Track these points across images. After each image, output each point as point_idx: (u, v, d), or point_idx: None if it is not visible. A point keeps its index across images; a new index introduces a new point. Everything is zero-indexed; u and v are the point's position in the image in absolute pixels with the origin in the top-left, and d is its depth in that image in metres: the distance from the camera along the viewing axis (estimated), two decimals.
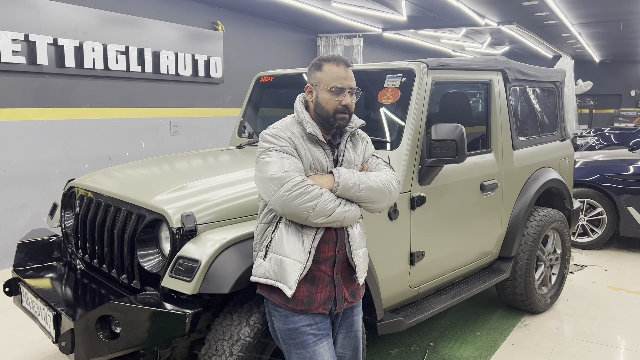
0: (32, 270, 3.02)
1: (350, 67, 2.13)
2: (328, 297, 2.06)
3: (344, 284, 2.12)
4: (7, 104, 5.09)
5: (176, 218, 2.34)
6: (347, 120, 2.11)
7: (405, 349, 3.61)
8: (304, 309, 2.03)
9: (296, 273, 1.98)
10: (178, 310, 2.17)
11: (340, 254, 2.07)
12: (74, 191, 3.15)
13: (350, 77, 2.11)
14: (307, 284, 2.03)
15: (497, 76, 3.77)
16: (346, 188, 2.02)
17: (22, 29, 5.05)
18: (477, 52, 14.42)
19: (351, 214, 2.04)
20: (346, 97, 2.08)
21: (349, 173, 2.05)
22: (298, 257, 1.99)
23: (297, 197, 1.92)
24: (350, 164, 2.15)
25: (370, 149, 2.27)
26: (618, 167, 6.04)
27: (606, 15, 9.53)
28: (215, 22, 7.54)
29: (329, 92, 2.07)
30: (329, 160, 2.12)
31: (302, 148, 2.06)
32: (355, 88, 2.13)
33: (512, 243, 3.86)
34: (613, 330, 3.99)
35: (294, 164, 2.00)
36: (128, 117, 6.29)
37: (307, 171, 2.06)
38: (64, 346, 2.26)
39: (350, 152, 2.17)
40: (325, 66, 2.10)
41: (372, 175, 2.11)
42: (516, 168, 3.90)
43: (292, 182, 1.93)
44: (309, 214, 1.95)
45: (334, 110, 2.08)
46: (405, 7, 8.07)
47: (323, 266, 2.05)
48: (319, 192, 1.96)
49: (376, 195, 2.08)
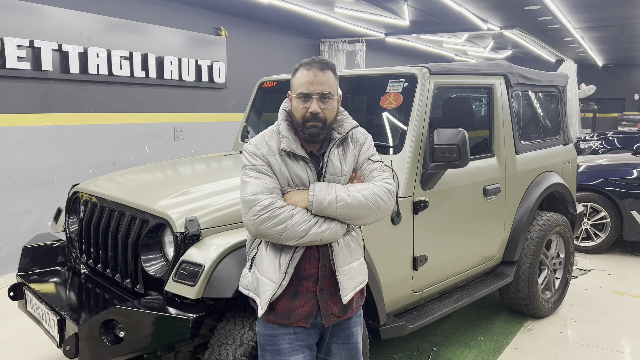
0: (36, 274, 3.04)
1: (326, 70, 1.93)
2: (309, 313, 1.96)
3: (331, 300, 1.98)
4: (12, 109, 5.13)
5: (180, 223, 2.36)
6: (319, 128, 1.92)
7: (408, 353, 3.61)
8: (283, 322, 1.95)
9: (268, 293, 1.90)
10: (182, 314, 2.19)
11: (324, 270, 1.95)
12: (78, 196, 3.17)
13: (320, 81, 1.91)
14: (288, 298, 1.94)
15: (500, 81, 3.78)
16: (321, 207, 1.86)
17: (27, 35, 5.09)
18: (480, 57, 14.43)
19: (329, 233, 1.87)
20: (313, 103, 1.90)
21: (325, 190, 1.88)
22: (272, 277, 1.90)
23: (264, 222, 1.83)
24: (335, 176, 1.97)
25: (365, 153, 2.05)
26: (622, 171, 6.03)
27: (609, 20, 9.53)
28: (218, 28, 7.58)
29: (297, 99, 1.94)
30: (312, 173, 1.95)
31: (276, 164, 1.93)
32: (328, 93, 1.92)
33: (515, 247, 3.86)
34: (617, 334, 3.98)
35: (265, 185, 1.88)
36: (132, 122, 6.33)
37: (286, 188, 1.93)
38: (68, 350, 2.27)
39: (336, 162, 1.98)
40: (298, 71, 1.96)
41: (353, 190, 1.90)
42: (519, 172, 3.90)
43: (258, 206, 1.83)
44: (279, 237, 1.84)
45: (302, 118, 1.93)
46: (407, 12, 8.09)
47: (306, 282, 1.94)
48: (288, 215, 1.84)
49: (358, 212, 1.89)
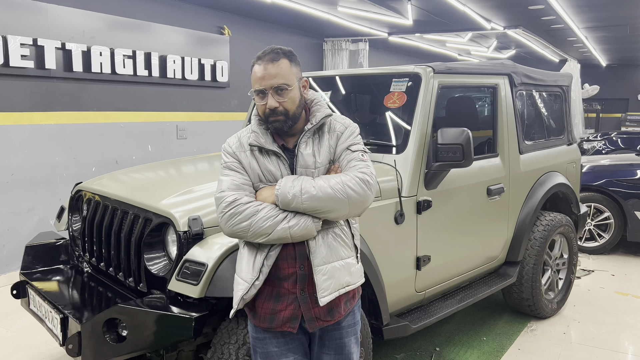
0: (39, 273, 3.04)
1: (277, 60, 1.82)
2: (293, 316, 1.88)
3: (312, 302, 1.87)
4: (16, 107, 5.13)
5: (183, 222, 2.35)
6: (282, 122, 1.85)
7: (411, 353, 3.60)
8: (267, 326, 1.90)
9: (240, 293, 1.86)
10: (184, 313, 2.19)
11: (302, 270, 1.86)
12: (81, 194, 3.17)
13: (271, 74, 1.81)
14: (270, 300, 1.88)
15: (504, 80, 3.77)
16: (286, 201, 1.78)
17: (30, 33, 5.09)
18: (483, 56, 14.40)
19: (299, 228, 1.78)
20: (269, 99, 1.82)
21: (291, 183, 1.79)
22: (245, 276, 1.86)
23: (230, 218, 1.79)
24: (307, 169, 1.87)
25: (344, 143, 1.92)
26: (625, 172, 6.01)
27: (613, 20, 9.50)
28: (221, 27, 7.57)
29: (255, 96, 1.87)
30: (285, 167, 1.88)
31: (246, 160, 1.89)
32: (281, 84, 1.81)
33: (519, 248, 3.85)
34: (620, 335, 3.96)
35: (232, 182, 1.85)
36: (135, 121, 6.33)
37: (258, 184, 1.89)
38: (71, 349, 2.27)
39: (307, 155, 1.88)
40: (253, 67, 1.87)
41: (320, 182, 1.79)
42: (523, 172, 3.88)
43: (224, 202, 1.81)
44: (246, 234, 1.79)
45: (263, 114, 1.87)
46: (411, 11, 8.07)
47: (285, 283, 1.87)
48: (253, 210, 1.78)
49: (326, 205, 1.77)
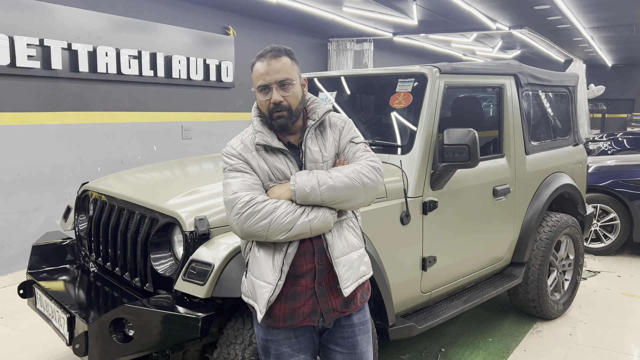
0: (46, 272, 3.05)
1: (279, 57, 1.88)
2: (312, 310, 1.88)
3: (331, 295, 1.90)
4: (22, 107, 5.15)
5: (189, 222, 2.36)
6: (286, 118, 1.88)
7: (416, 354, 3.60)
8: (287, 325, 1.88)
9: (266, 296, 1.83)
10: (191, 313, 2.19)
11: (320, 264, 1.87)
12: (87, 194, 3.18)
13: (274, 69, 1.85)
14: (287, 300, 1.87)
15: (510, 80, 3.76)
16: (304, 194, 1.79)
17: (37, 34, 5.11)
18: (488, 57, 14.36)
19: (318, 221, 1.80)
20: (273, 93, 1.86)
21: (306, 177, 1.82)
22: (267, 279, 1.83)
23: (247, 218, 1.77)
24: (316, 164, 1.90)
25: (346, 136, 1.99)
26: (631, 172, 5.98)
27: (619, 19, 9.45)
28: (226, 27, 7.58)
29: (258, 92, 1.90)
30: (293, 164, 1.90)
31: (254, 160, 1.89)
32: (285, 79, 1.86)
33: (525, 248, 3.84)
34: (627, 337, 3.94)
35: (244, 182, 1.83)
36: (140, 121, 6.34)
37: (268, 183, 1.88)
38: (78, 348, 2.28)
39: (314, 150, 1.92)
40: (255, 65, 1.91)
41: (334, 172, 1.83)
42: (529, 173, 3.87)
43: (239, 203, 1.78)
44: (266, 233, 1.77)
45: (267, 110, 1.89)
46: (416, 11, 8.06)
47: (303, 280, 1.86)
48: (272, 208, 1.77)
49: (343, 194, 1.81)
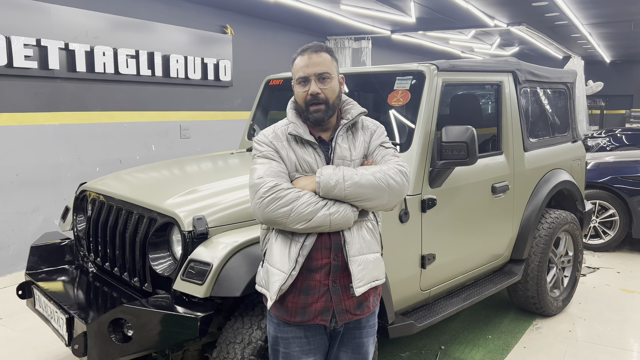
0: (44, 273, 3.05)
1: (320, 52, 1.93)
2: (325, 308, 1.89)
3: (345, 294, 1.91)
4: (20, 108, 5.14)
5: (187, 221, 2.35)
6: (322, 111, 1.91)
7: (416, 352, 3.60)
8: (298, 320, 1.90)
9: (277, 283, 1.84)
10: (190, 313, 2.18)
11: (336, 261, 1.88)
12: (85, 195, 3.18)
13: (315, 62, 1.90)
14: (300, 294, 1.88)
15: (508, 77, 3.75)
16: (328, 187, 1.82)
17: (34, 34, 5.10)
18: (486, 54, 14.35)
19: (339, 216, 1.82)
20: (312, 85, 1.90)
21: (332, 170, 1.85)
22: (281, 267, 1.85)
23: (270, 203, 1.79)
24: (344, 161, 1.94)
25: (377, 139, 2.03)
26: (630, 169, 5.99)
27: (617, 16, 9.45)
28: (224, 26, 7.57)
29: (297, 84, 1.94)
30: (321, 159, 1.93)
31: (284, 150, 1.93)
32: (324, 72, 1.90)
33: (524, 245, 3.84)
34: (626, 333, 3.95)
35: (270, 169, 1.87)
36: (138, 120, 6.33)
37: (294, 174, 1.91)
38: (77, 349, 2.28)
39: (343, 148, 1.96)
40: (295, 59, 1.97)
41: (362, 170, 1.87)
42: (527, 170, 3.87)
43: (264, 188, 1.81)
44: (286, 220, 1.80)
45: (304, 102, 1.92)
46: (414, 8, 8.05)
47: (317, 275, 1.87)
48: (295, 196, 1.80)
49: (367, 192, 1.84)
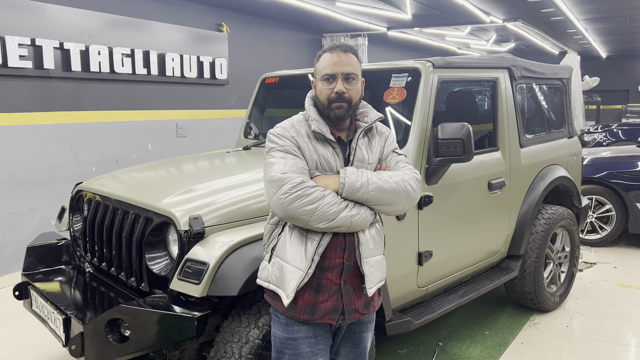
0: (41, 274, 3.04)
1: (349, 52, 1.95)
2: (334, 307, 1.91)
3: (355, 294, 1.94)
4: (15, 108, 5.12)
5: (184, 221, 2.35)
6: (344, 109, 1.93)
7: (414, 349, 3.60)
8: (307, 318, 1.90)
9: (295, 281, 1.84)
10: (187, 313, 2.18)
11: (349, 261, 1.91)
12: (81, 195, 3.17)
13: (344, 62, 1.92)
14: (311, 292, 1.89)
15: (504, 74, 3.75)
16: (352, 189, 1.84)
17: (28, 33, 5.08)
18: (483, 50, 14.35)
19: (359, 218, 1.85)
20: (338, 83, 1.91)
21: (357, 173, 1.87)
22: (298, 264, 1.85)
23: (295, 200, 1.78)
24: (362, 163, 1.97)
25: (390, 145, 2.07)
26: (626, 164, 6.00)
27: (612, 11, 9.46)
28: (220, 24, 7.55)
29: (322, 81, 1.94)
30: (339, 159, 1.95)
31: (306, 147, 1.92)
32: (352, 73, 1.93)
33: (521, 241, 3.84)
34: (623, 328, 3.96)
35: (295, 164, 1.86)
36: (134, 119, 6.32)
37: (314, 172, 1.91)
38: (74, 349, 2.28)
39: (363, 150, 1.99)
40: (322, 56, 1.97)
41: (385, 175, 1.91)
42: (524, 166, 3.87)
43: (290, 184, 1.80)
44: (309, 218, 1.80)
45: (327, 99, 1.92)
46: (409, 5, 8.05)
47: (330, 274, 1.89)
48: (320, 195, 1.81)
49: (389, 197, 1.88)
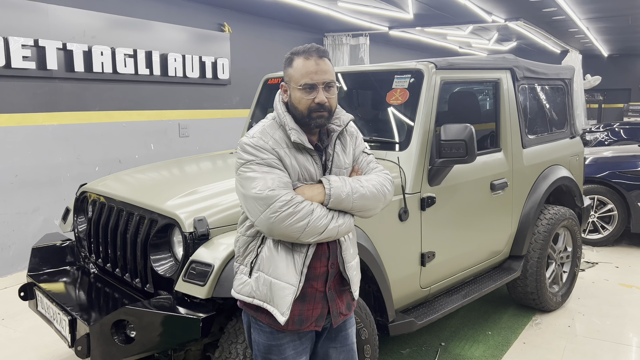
0: (46, 274, 3.06)
1: (324, 57, 1.89)
2: (320, 314, 1.92)
3: (339, 298, 1.96)
4: (18, 109, 5.14)
5: (188, 222, 2.36)
6: (325, 118, 1.88)
7: (416, 349, 3.62)
8: (295, 328, 1.88)
9: (289, 297, 1.81)
10: (192, 314, 2.20)
11: (332, 268, 1.91)
12: (86, 196, 3.18)
13: (323, 69, 1.86)
14: (298, 303, 1.86)
15: (506, 75, 3.76)
16: (339, 200, 1.82)
17: (31, 34, 5.09)
18: (484, 49, 14.34)
19: (345, 227, 1.85)
20: (319, 93, 1.84)
21: (341, 182, 1.85)
22: (290, 280, 1.82)
23: (286, 218, 1.73)
24: (340, 169, 1.94)
25: (360, 146, 2.06)
26: (628, 163, 6.00)
27: (614, 10, 9.45)
28: (221, 24, 7.56)
29: (300, 90, 1.85)
30: (318, 166, 1.91)
31: (287, 157, 1.84)
32: (331, 81, 1.88)
33: (523, 242, 3.85)
34: (625, 328, 3.97)
35: (279, 179, 1.78)
36: (137, 119, 6.33)
37: (296, 183, 1.85)
38: (80, 350, 2.29)
39: (340, 156, 1.96)
40: (295, 61, 1.89)
41: (364, 181, 1.90)
42: (526, 166, 3.88)
43: (279, 202, 1.73)
44: (300, 234, 1.76)
45: (307, 109, 1.85)
46: (411, 5, 8.05)
47: (315, 283, 1.89)
48: (309, 209, 1.77)
49: (370, 203, 1.89)
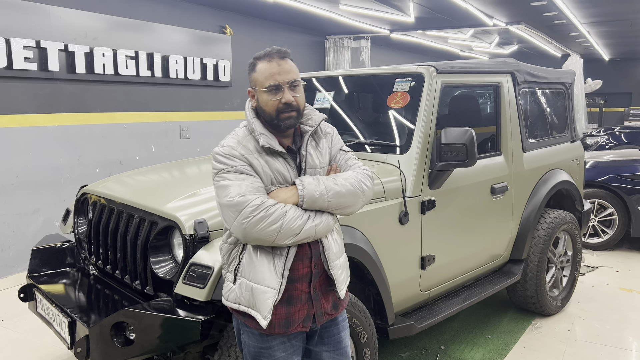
0: (46, 276, 3.06)
1: (286, 58, 1.91)
2: (307, 315, 1.92)
3: (324, 298, 1.96)
4: (20, 109, 5.15)
5: (189, 225, 2.37)
6: (294, 118, 1.89)
7: (416, 352, 3.61)
8: (282, 331, 1.89)
9: (270, 301, 1.82)
10: (191, 316, 2.20)
11: (316, 268, 1.91)
12: (86, 197, 3.19)
13: (286, 70, 1.88)
14: (284, 305, 1.87)
15: (507, 78, 3.77)
16: (312, 200, 1.82)
17: (33, 35, 5.10)
18: (485, 52, 14.37)
19: (323, 226, 1.85)
20: (285, 93, 1.86)
21: (314, 182, 1.84)
22: (270, 283, 1.82)
23: (258, 222, 1.73)
24: (315, 169, 1.95)
25: (337, 144, 2.06)
26: (629, 167, 6.01)
27: (615, 14, 9.46)
28: (223, 26, 7.57)
29: (267, 92, 1.87)
30: (292, 169, 1.91)
31: (258, 163, 1.85)
32: (296, 80, 1.89)
33: (523, 245, 3.85)
34: (625, 332, 3.97)
35: (251, 185, 1.80)
36: (138, 121, 6.34)
37: (269, 187, 1.86)
38: (79, 352, 2.29)
39: (313, 156, 1.96)
40: (258, 65, 1.91)
41: (340, 179, 1.89)
42: (526, 170, 3.88)
43: (250, 206, 1.74)
44: (275, 237, 1.76)
45: (275, 111, 1.87)
46: (412, 8, 8.06)
47: (299, 284, 1.89)
48: (282, 212, 1.77)
49: (347, 200, 1.88)
